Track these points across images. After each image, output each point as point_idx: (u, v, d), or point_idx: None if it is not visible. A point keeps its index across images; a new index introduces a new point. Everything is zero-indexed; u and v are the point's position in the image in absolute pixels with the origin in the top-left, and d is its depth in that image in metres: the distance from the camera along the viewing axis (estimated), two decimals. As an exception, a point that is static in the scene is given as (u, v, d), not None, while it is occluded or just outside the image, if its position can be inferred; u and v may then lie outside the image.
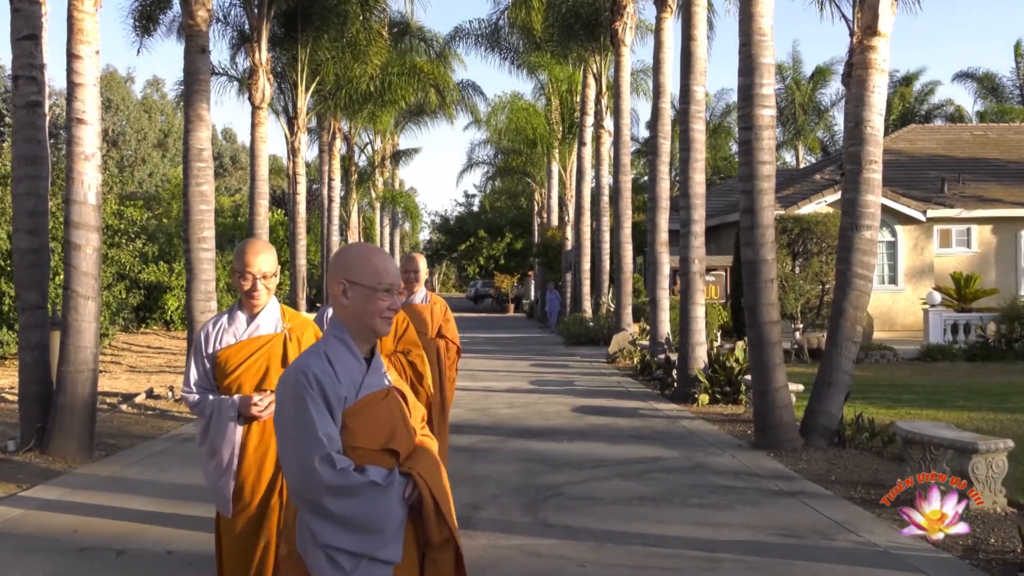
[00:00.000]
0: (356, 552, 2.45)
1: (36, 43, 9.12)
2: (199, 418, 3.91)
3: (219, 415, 3.79)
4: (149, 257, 24.30)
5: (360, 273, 2.64)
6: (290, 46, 21.82)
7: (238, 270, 3.82)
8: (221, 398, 3.81)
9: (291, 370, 2.60)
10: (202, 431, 3.86)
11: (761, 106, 9.45)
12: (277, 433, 2.59)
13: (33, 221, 8.99)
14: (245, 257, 3.81)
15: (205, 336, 3.91)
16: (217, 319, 3.96)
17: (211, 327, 3.93)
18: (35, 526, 6.23)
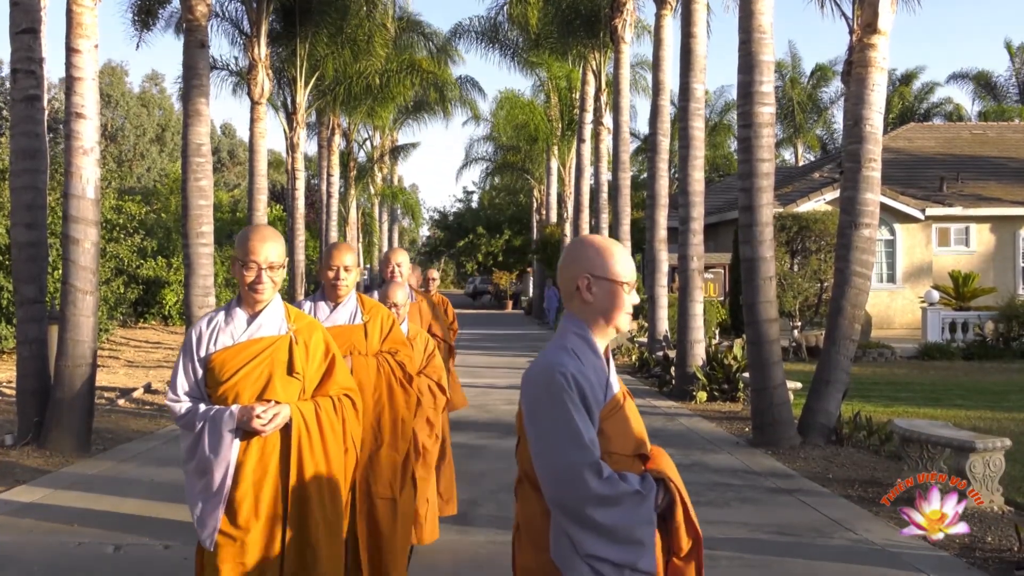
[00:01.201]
0: (619, 563, 2.34)
1: (35, 37, 9.11)
2: (185, 431, 3.34)
3: (213, 428, 3.23)
4: (147, 252, 24.26)
5: (605, 268, 2.48)
6: (289, 41, 21.78)
7: (240, 258, 3.32)
8: (216, 408, 3.27)
9: (543, 370, 2.39)
10: (190, 447, 3.30)
11: (761, 104, 9.44)
12: (531, 438, 2.38)
13: (31, 215, 8.99)
14: (250, 244, 3.31)
15: (197, 336, 3.37)
16: (212, 316, 3.44)
17: (204, 325, 3.40)
18: (32, 520, 6.23)
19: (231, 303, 3.46)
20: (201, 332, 3.38)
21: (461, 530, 5.92)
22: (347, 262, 4.21)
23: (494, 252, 50.43)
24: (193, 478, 3.32)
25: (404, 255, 6.00)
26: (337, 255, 4.22)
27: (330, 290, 4.26)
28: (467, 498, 6.65)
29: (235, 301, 3.44)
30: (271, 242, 3.34)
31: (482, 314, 41.97)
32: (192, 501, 3.30)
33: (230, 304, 3.45)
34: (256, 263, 3.30)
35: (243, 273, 3.33)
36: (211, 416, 3.25)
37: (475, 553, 5.41)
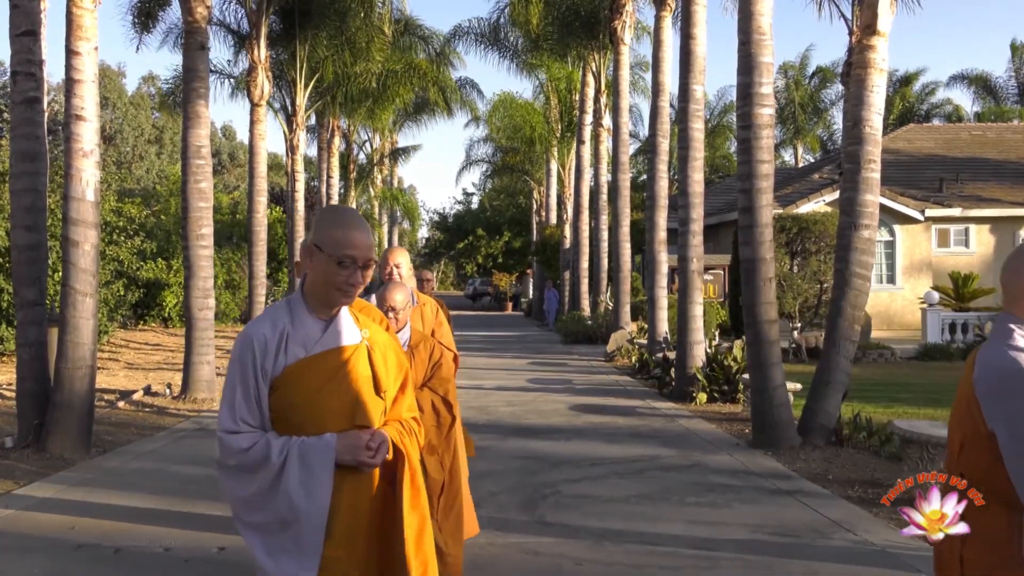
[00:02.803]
0: None
1: (35, 39, 9.11)
2: (242, 473, 2.48)
3: (304, 463, 2.43)
4: (147, 254, 24.31)
5: None
6: (288, 43, 21.80)
7: (329, 251, 2.51)
8: (304, 438, 2.45)
9: (1017, 371, 2.25)
10: (258, 492, 2.46)
11: (760, 105, 9.45)
12: (1009, 441, 2.18)
13: (31, 217, 8.98)
14: (349, 234, 2.54)
15: (262, 344, 2.53)
16: (273, 321, 2.58)
17: (270, 331, 2.55)
18: (32, 523, 6.22)
19: (292, 303, 2.63)
20: (266, 339, 2.53)
21: (461, 532, 5.91)
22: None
23: (494, 254, 50.46)
24: (264, 535, 2.46)
25: (404, 254, 5.38)
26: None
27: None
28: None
29: (298, 300, 2.63)
30: (368, 232, 2.63)
31: (482, 316, 41.94)
32: (268, 565, 2.45)
33: (291, 304, 2.63)
34: (354, 258, 2.53)
35: (334, 269, 2.52)
36: (299, 449, 2.42)
37: (476, 555, 5.40)
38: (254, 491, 2.46)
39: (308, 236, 2.62)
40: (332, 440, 2.45)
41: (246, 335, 2.54)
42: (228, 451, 2.48)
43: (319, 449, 2.43)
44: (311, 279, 2.56)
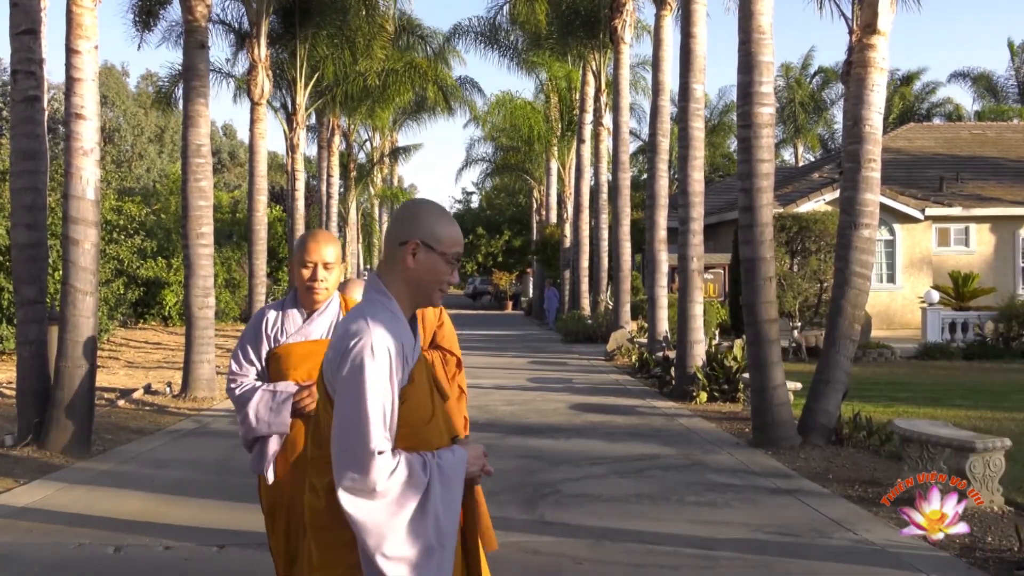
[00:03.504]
0: None
1: (35, 38, 9.11)
2: (396, 500, 2.24)
3: (444, 479, 2.31)
4: (147, 253, 24.30)
5: None
6: (289, 42, 21.80)
7: (445, 248, 2.47)
8: (438, 452, 2.35)
9: None
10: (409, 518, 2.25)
11: (760, 104, 9.44)
12: None
13: (31, 216, 8.98)
14: (457, 231, 2.56)
15: (400, 358, 2.39)
16: (393, 330, 2.45)
17: (395, 343, 2.42)
18: (32, 521, 6.22)
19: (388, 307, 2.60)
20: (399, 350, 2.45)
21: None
22: (327, 257, 3.47)
23: (494, 253, 50.49)
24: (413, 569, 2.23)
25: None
26: (314, 247, 3.46)
27: (304, 294, 3.52)
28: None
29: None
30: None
31: (482, 315, 41.95)
32: None
33: (389, 307, 2.56)
34: (459, 256, 2.59)
35: (444, 267, 2.49)
36: (439, 465, 2.30)
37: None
38: (407, 516, 2.23)
39: (398, 232, 2.42)
40: (463, 453, 2.38)
41: (385, 350, 2.26)
42: (380, 474, 2.19)
43: (455, 463, 2.33)
44: (414, 277, 2.41)
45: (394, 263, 2.42)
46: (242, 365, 3.58)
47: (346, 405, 2.22)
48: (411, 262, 2.39)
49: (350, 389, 2.22)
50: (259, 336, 3.57)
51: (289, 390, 3.43)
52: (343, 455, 2.19)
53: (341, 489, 2.17)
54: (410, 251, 2.39)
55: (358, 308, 2.40)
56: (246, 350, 3.59)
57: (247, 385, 3.51)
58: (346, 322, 2.36)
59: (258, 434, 3.45)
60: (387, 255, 2.46)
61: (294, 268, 3.51)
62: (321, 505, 2.33)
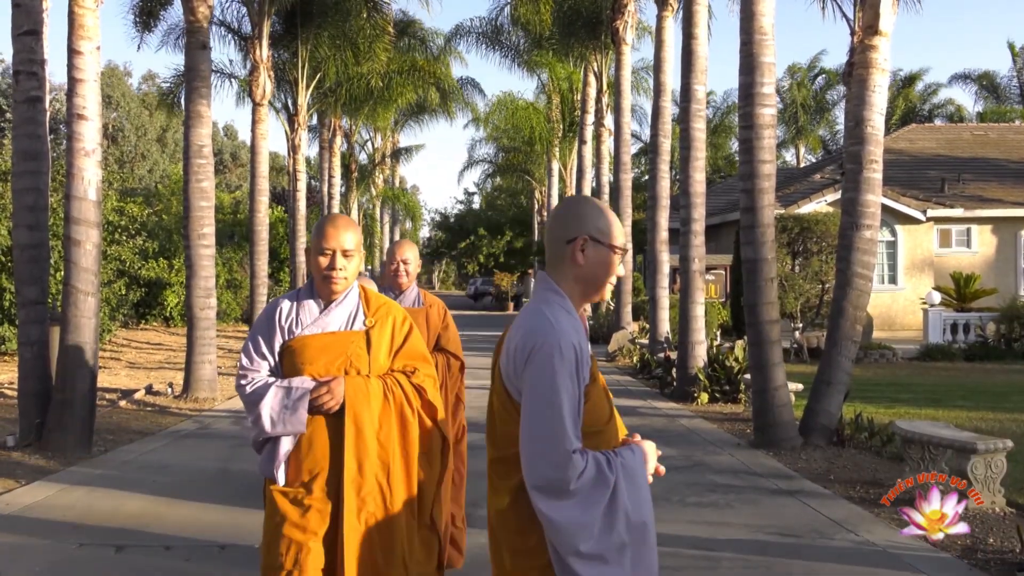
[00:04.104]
0: None
1: (37, 38, 9.12)
2: (587, 498, 2.26)
3: (629, 476, 2.38)
4: (149, 253, 24.30)
5: None
6: (290, 43, 21.82)
7: (612, 240, 2.49)
8: (618, 451, 2.42)
9: None
10: (599, 515, 2.29)
11: (762, 105, 9.44)
12: None
13: (33, 217, 8.99)
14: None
15: (583, 356, 2.43)
16: (574, 328, 2.51)
17: (578, 338, 2.50)
18: (34, 522, 6.23)
19: (564, 304, 2.68)
20: (582, 349, 2.57)
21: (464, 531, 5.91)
22: (347, 243, 3.25)
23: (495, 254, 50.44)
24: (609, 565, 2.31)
25: (412, 249, 4.93)
26: (332, 233, 3.24)
27: (321, 283, 3.29)
28: (468, 500, 6.62)
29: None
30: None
31: (483, 316, 41.94)
32: None
33: (564, 305, 2.58)
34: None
35: (614, 260, 2.56)
36: (622, 463, 2.35)
37: (477, 554, 5.40)
38: (598, 515, 2.25)
39: (562, 230, 2.41)
40: (642, 451, 2.45)
41: (571, 348, 2.26)
42: (573, 473, 2.19)
43: (636, 461, 2.39)
44: (585, 273, 2.40)
45: (562, 261, 2.41)
46: (253, 359, 3.30)
47: (537, 405, 2.21)
48: (581, 258, 2.39)
49: (541, 389, 2.21)
50: (272, 328, 3.29)
51: (306, 386, 3.16)
52: (536, 456, 2.18)
53: (534, 489, 2.17)
54: (579, 247, 2.38)
55: (535, 307, 2.37)
56: (258, 343, 3.31)
57: (259, 381, 3.24)
58: (526, 321, 2.34)
59: (272, 434, 3.18)
60: (553, 254, 2.44)
61: (311, 255, 3.26)
62: (506, 506, 2.32)
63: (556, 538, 2.18)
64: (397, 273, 4.83)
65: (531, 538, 2.25)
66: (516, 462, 2.25)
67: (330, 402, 3.14)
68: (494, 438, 2.40)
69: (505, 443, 2.32)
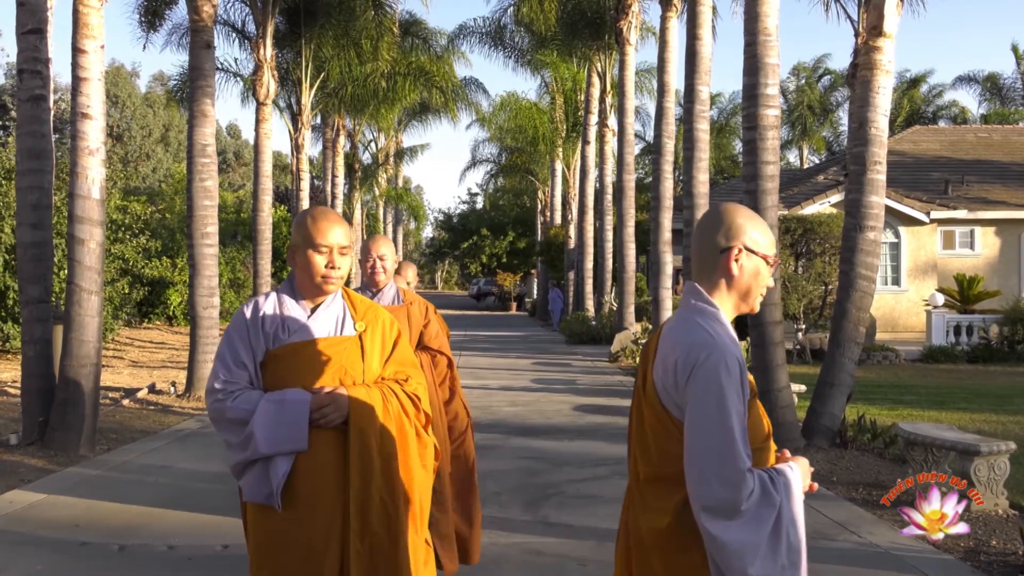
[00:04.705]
0: None
1: (41, 37, 9.13)
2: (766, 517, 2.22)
3: (787, 493, 2.33)
4: (152, 252, 24.33)
5: None
6: (294, 43, 21.83)
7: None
8: (778, 467, 2.32)
9: None
10: None
11: (765, 106, 9.43)
12: None
13: (37, 215, 9.00)
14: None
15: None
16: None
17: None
18: (36, 520, 6.24)
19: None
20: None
21: (464, 531, 5.91)
22: (343, 240, 2.98)
23: (498, 254, 50.46)
24: None
25: (388, 245, 4.68)
26: (327, 228, 2.95)
27: (309, 284, 3.02)
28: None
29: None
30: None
31: (486, 316, 41.95)
32: None
33: (719, 316, 2.61)
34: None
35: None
36: (789, 480, 2.29)
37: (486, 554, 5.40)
38: (765, 536, 2.22)
39: (715, 239, 2.35)
40: (798, 469, 2.37)
41: (736, 363, 2.22)
42: (745, 493, 2.14)
43: (795, 479, 2.31)
44: (739, 284, 2.35)
45: (714, 271, 2.34)
46: (231, 370, 2.89)
47: (706, 423, 2.12)
48: (735, 269, 2.33)
49: (709, 406, 2.12)
50: (255, 334, 2.92)
51: (302, 398, 2.83)
52: (706, 475, 2.10)
53: (703, 510, 2.09)
54: (733, 257, 2.32)
55: (690, 319, 2.28)
56: (236, 351, 2.90)
57: (241, 395, 2.85)
58: (684, 335, 2.24)
59: (265, 455, 2.81)
60: (704, 264, 2.36)
61: (298, 254, 2.95)
62: (666, 525, 2.23)
63: (724, 560, 2.11)
64: (374, 270, 4.59)
65: (693, 556, 2.20)
66: (676, 480, 2.18)
67: (334, 415, 2.84)
68: (648, 456, 2.29)
69: (663, 461, 2.24)
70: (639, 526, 2.32)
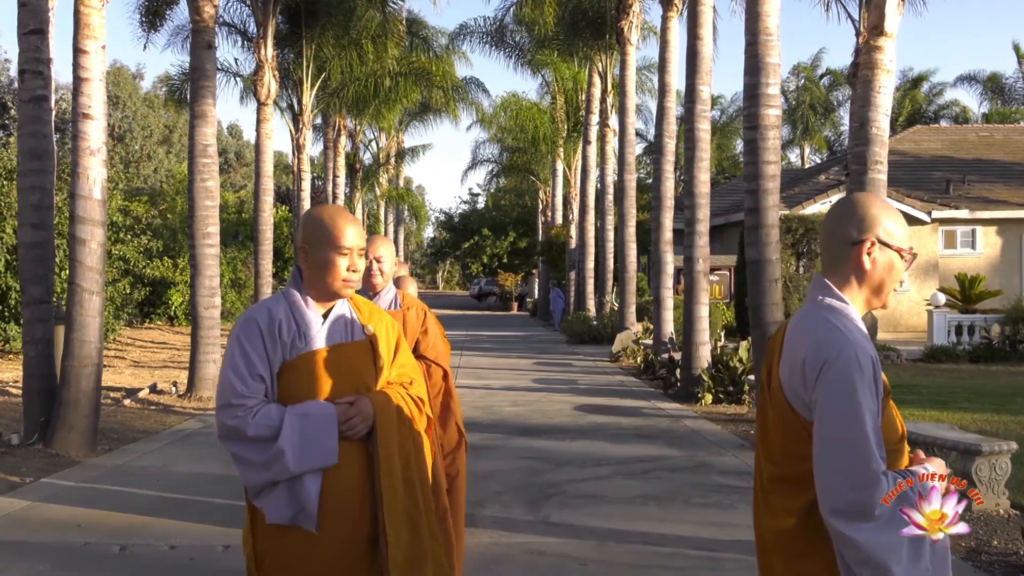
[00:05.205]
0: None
1: (42, 37, 9.14)
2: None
3: None
4: (153, 252, 24.35)
5: None
6: (295, 43, 21.84)
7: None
8: None
9: None
10: None
11: (766, 106, 9.44)
12: None
13: (38, 215, 9.01)
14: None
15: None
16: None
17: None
18: (38, 520, 6.24)
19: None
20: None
21: (467, 532, 5.91)
22: (363, 241, 2.85)
23: (499, 254, 50.50)
24: None
25: (387, 245, 4.39)
26: (346, 228, 2.77)
27: (326, 288, 2.83)
28: (471, 499, 6.64)
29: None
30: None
31: (487, 316, 41.95)
32: None
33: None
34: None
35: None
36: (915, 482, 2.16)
37: (480, 554, 5.41)
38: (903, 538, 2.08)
39: (846, 230, 2.25)
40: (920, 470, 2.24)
41: (869, 361, 2.14)
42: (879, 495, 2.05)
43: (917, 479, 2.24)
44: (871, 278, 2.25)
45: (844, 265, 2.25)
46: (248, 383, 2.64)
47: (838, 423, 2.03)
48: (868, 262, 2.23)
49: (842, 406, 2.04)
50: (273, 343, 2.69)
51: (328, 410, 2.64)
52: (837, 477, 2.02)
53: (833, 512, 2.01)
54: (865, 251, 2.22)
55: (817, 315, 2.19)
56: (252, 362, 2.67)
57: (260, 411, 2.63)
58: (812, 332, 2.16)
59: (295, 474, 2.60)
60: (834, 256, 2.27)
61: (314, 255, 2.74)
62: (792, 526, 2.17)
63: (861, 563, 2.01)
64: (371, 272, 4.30)
65: (816, 561, 2.13)
66: (802, 482, 2.11)
67: (362, 426, 2.68)
68: (773, 456, 2.23)
69: (789, 462, 2.17)
70: (762, 526, 2.27)
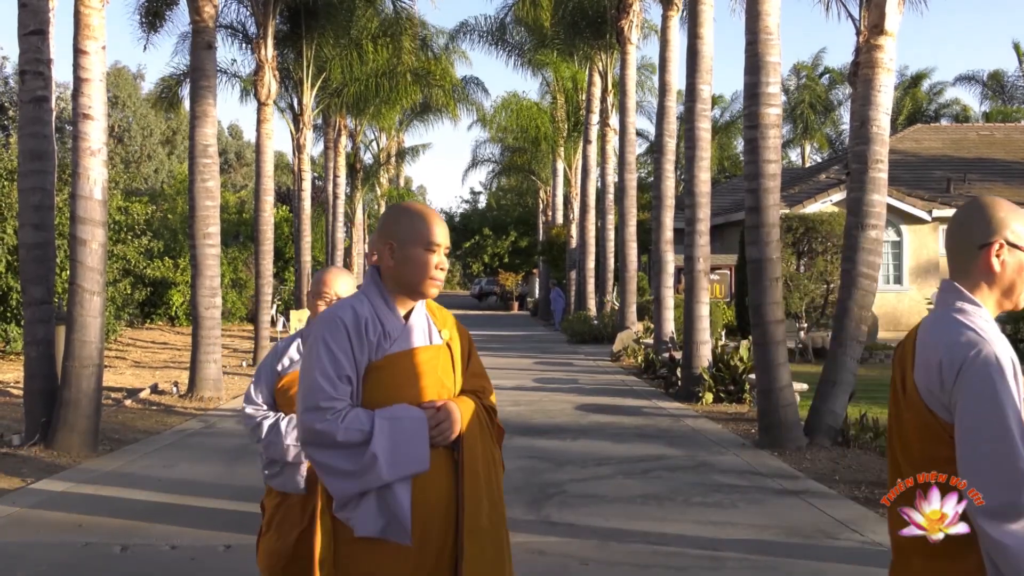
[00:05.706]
0: None
1: (43, 38, 9.15)
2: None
3: None
4: (154, 253, 24.36)
5: None
6: (295, 43, 21.84)
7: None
8: None
9: None
10: None
11: (767, 105, 9.43)
12: None
13: (39, 216, 9.02)
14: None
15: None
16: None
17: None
18: (39, 520, 6.25)
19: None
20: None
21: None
22: (447, 240, 2.70)
23: (500, 253, 50.50)
24: None
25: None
26: (435, 223, 2.64)
27: (412, 286, 2.68)
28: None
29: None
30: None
31: (488, 315, 41.96)
32: None
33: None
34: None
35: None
36: None
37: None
38: None
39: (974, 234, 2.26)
40: None
41: (1009, 362, 2.12)
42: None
43: None
44: (1000, 280, 2.28)
45: (973, 268, 2.24)
46: (336, 385, 2.48)
47: (980, 424, 2.01)
48: (996, 265, 2.22)
49: (983, 406, 2.02)
50: (360, 343, 2.53)
51: (418, 415, 2.52)
52: (983, 478, 1.99)
53: (980, 513, 1.99)
54: (994, 253, 2.21)
55: (949, 318, 2.18)
56: (338, 363, 2.49)
57: (348, 414, 2.46)
58: (944, 333, 2.15)
59: (388, 481, 2.45)
60: (962, 260, 2.26)
61: (402, 251, 2.60)
62: None
63: (1010, 565, 1.97)
64: None
65: (966, 563, 2.10)
66: None
67: (451, 432, 2.55)
68: (913, 460, 2.21)
69: (929, 465, 2.13)
70: (893, 532, 2.25)
